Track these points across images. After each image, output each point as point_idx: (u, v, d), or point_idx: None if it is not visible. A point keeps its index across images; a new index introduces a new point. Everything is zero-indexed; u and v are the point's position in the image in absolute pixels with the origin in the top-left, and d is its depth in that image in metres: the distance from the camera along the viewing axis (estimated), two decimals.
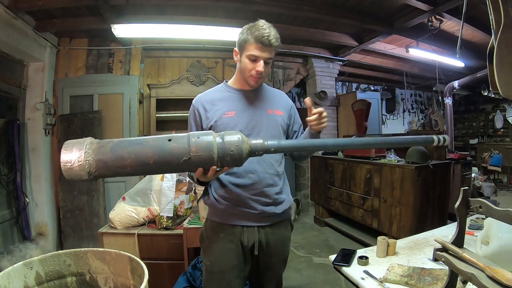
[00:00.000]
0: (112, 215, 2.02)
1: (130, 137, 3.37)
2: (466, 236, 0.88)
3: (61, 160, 0.78)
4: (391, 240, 1.31)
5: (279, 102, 1.25)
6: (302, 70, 4.49)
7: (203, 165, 0.85)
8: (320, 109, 1.09)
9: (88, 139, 0.82)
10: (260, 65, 1.10)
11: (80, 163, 0.78)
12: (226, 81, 1.26)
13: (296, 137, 1.30)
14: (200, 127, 1.18)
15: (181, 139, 0.84)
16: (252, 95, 1.20)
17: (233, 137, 0.86)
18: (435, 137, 1.00)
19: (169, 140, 0.83)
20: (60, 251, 1.04)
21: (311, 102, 1.11)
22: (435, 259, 0.84)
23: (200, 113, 1.18)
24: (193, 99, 1.23)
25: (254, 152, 0.88)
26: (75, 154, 0.78)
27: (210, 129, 1.15)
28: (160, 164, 0.82)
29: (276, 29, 1.12)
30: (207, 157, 0.83)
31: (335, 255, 1.30)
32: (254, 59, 1.11)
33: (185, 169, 0.87)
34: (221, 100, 1.19)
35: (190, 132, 0.87)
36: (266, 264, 1.22)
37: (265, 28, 1.08)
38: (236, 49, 1.17)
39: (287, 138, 1.29)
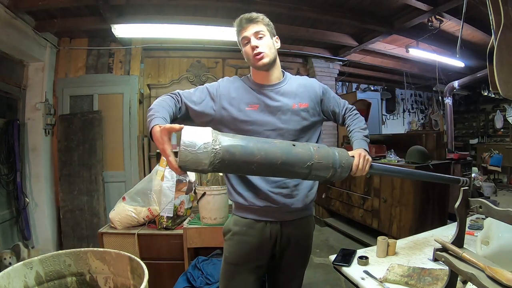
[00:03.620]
0: (112, 215, 2.02)
1: (130, 137, 3.40)
2: (466, 236, 0.88)
3: (182, 142, 0.69)
4: (391, 240, 1.31)
5: (304, 92, 1.19)
6: (302, 70, 4.48)
7: (321, 172, 0.90)
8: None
9: (210, 129, 0.76)
10: (252, 41, 1.10)
11: (206, 149, 0.71)
12: (248, 76, 1.22)
13: (337, 118, 1.25)
14: (208, 101, 1.12)
15: (304, 145, 0.90)
16: (275, 89, 1.16)
17: (345, 152, 0.97)
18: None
19: (294, 145, 0.87)
20: (60, 251, 1.04)
21: None
22: (435, 259, 0.84)
23: (221, 92, 1.13)
24: None
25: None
26: (202, 138, 0.71)
27: (227, 114, 1.11)
28: (285, 165, 0.83)
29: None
30: (325, 165, 0.89)
31: (335, 255, 1.30)
32: (246, 41, 1.12)
33: (302, 175, 0.90)
34: (246, 92, 1.15)
35: (310, 143, 0.94)
36: (288, 261, 1.21)
37: (245, 14, 1.13)
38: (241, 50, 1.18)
39: (330, 119, 1.26)
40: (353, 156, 1.01)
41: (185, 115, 1.11)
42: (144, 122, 3.70)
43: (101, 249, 1.06)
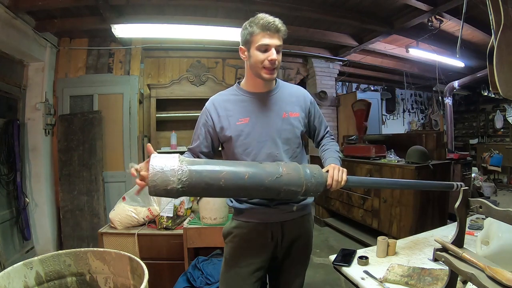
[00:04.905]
0: (112, 215, 2.02)
1: (130, 137, 3.40)
2: (466, 236, 0.88)
3: (151, 166, 0.79)
4: (391, 240, 1.31)
5: (295, 102, 1.20)
6: (302, 70, 4.49)
7: (292, 184, 0.93)
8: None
9: (177, 156, 0.87)
10: (273, 53, 1.06)
11: (172, 167, 0.80)
12: (239, 83, 1.21)
13: (316, 135, 1.30)
14: (209, 133, 1.16)
15: (271, 163, 0.97)
16: (266, 98, 1.16)
17: (315, 165, 1.02)
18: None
19: (261, 163, 0.96)
20: (60, 251, 1.04)
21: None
22: (435, 259, 0.84)
23: (212, 118, 1.15)
24: (193, 99, 1.23)
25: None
26: (169, 162, 0.81)
27: (223, 134, 1.13)
28: (253, 179, 0.88)
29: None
30: (295, 177, 0.93)
31: (335, 255, 1.30)
32: (265, 49, 1.06)
33: (275, 187, 0.92)
34: (235, 105, 1.15)
35: (279, 162, 1.01)
36: (291, 260, 1.21)
37: (268, 16, 1.07)
38: (241, 46, 1.12)
39: (309, 135, 1.30)
40: (327, 171, 1.03)
41: (218, 147, 1.21)
42: (144, 121, 3.70)
43: (101, 249, 1.06)
